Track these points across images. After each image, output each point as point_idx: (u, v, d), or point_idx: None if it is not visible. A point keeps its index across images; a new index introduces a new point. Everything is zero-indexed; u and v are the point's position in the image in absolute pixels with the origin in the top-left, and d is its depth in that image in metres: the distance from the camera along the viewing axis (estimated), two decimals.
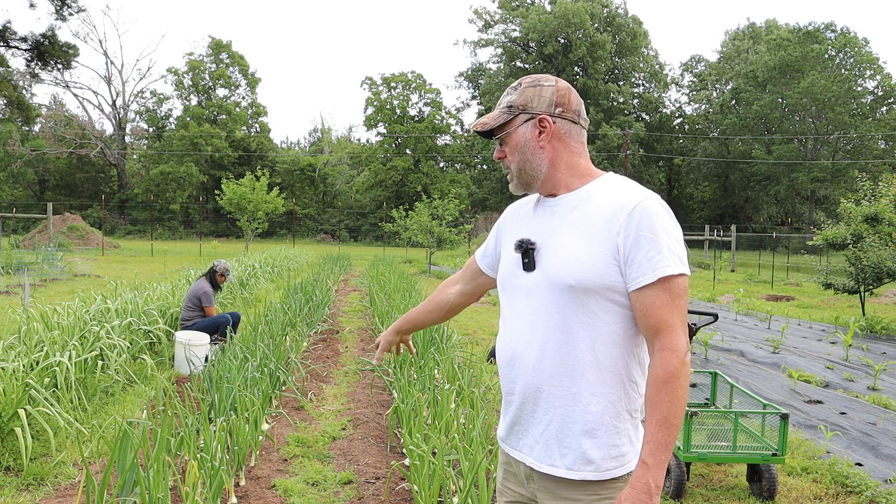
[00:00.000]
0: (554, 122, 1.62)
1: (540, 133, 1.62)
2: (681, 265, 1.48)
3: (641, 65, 50.26)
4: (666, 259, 1.46)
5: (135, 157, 53.11)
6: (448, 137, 53.36)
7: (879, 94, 42.13)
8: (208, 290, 7.26)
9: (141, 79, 73.19)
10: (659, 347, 1.47)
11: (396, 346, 2.16)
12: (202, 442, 3.78)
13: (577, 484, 1.55)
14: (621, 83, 49.31)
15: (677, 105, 55.56)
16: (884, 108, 42.20)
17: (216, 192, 27.45)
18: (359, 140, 60.76)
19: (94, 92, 58.49)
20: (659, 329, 1.47)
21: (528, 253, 1.61)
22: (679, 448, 3.78)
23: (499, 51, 52.16)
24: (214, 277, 7.50)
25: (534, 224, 1.66)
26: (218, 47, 52.20)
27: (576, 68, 48.74)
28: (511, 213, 1.82)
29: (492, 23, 51.50)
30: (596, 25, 47.66)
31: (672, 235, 1.50)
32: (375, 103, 52.18)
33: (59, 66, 33.74)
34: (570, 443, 1.54)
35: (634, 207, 1.50)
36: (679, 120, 53.02)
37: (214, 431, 3.93)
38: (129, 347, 5.97)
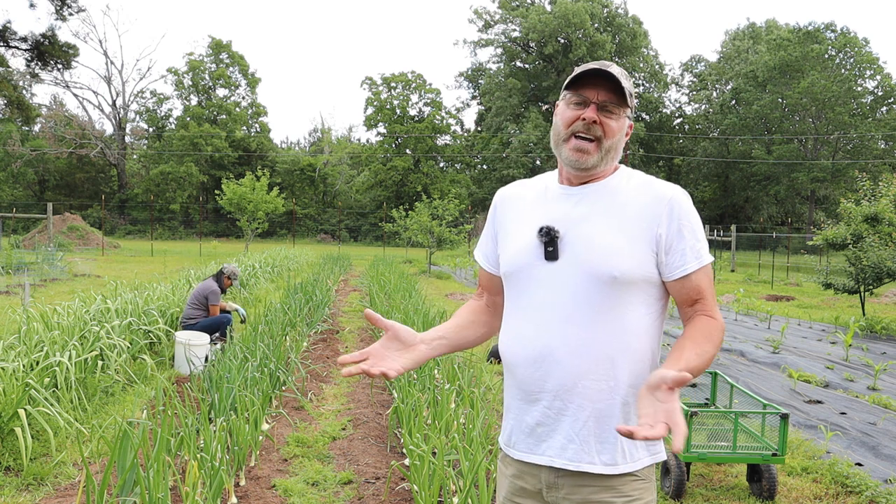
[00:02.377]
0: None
1: (626, 135, 1.63)
2: (708, 252, 1.59)
3: (641, 65, 50.26)
4: (704, 248, 1.56)
5: (135, 157, 53.12)
6: (448, 137, 53.38)
7: (879, 94, 42.14)
8: (217, 290, 7.35)
9: (141, 79, 73.22)
10: (699, 312, 1.54)
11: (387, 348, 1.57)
12: (202, 442, 3.78)
13: (613, 479, 1.52)
14: None
15: (677, 105, 55.57)
16: (884, 108, 42.21)
17: (216, 192, 27.45)
18: (359, 140, 60.80)
19: (94, 92, 58.56)
20: (699, 304, 1.55)
21: (553, 241, 1.54)
22: None
23: (499, 51, 52.18)
24: (222, 280, 7.59)
25: (553, 211, 1.59)
26: (218, 47, 52.20)
27: (576, 68, 48.67)
28: (510, 199, 1.73)
29: (492, 23, 51.52)
30: (596, 25, 47.67)
31: (700, 224, 1.59)
32: (375, 103, 52.19)
33: (59, 66, 33.78)
34: (608, 437, 1.51)
35: (671, 199, 1.55)
36: (679, 120, 53.04)
37: (214, 431, 3.93)
38: (129, 347, 5.97)
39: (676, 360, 1.41)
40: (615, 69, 1.55)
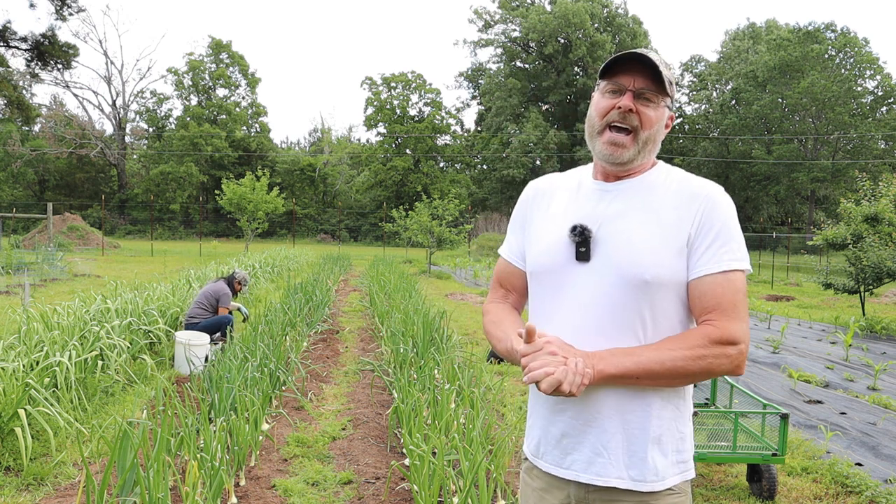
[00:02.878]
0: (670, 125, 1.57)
1: (666, 127, 1.54)
2: (746, 261, 1.44)
3: None
4: (731, 254, 1.42)
5: (135, 157, 53.13)
6: (448, 137, 53.38)
7: (879, 94, 42.16)
8: (229, 293, 7.50)
9: (141, 79, 73.17)
10: (705, 322, 1.41)
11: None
12: (202, 442, 3.78)
13: (642, 496, 1.45)
14: None
15: (677, 105, 55.51)
16: (884, 108, 42.23)
17: (216, 192, 27.46)
18: (359, 140, 60.79)
19: (94, 92, 58.53)
20: (710, 315, 1.41)
21: (586, 241, 1.45)
22: None
23: (499, 51, 52.20)
24: (233, 284, 7.72)
25: (586, 208, 1.51)
26: (218, 47, 52.21)
27: (576, 68, 48.74)
28: (542, 193, 1.64)
29: (492, 23, 51.54)
30: (596, 25, 47.69)
31: (739, 229, 1.47)
32: (375, 103, 52.19)
33: (59, 66, 33.77)
34: (637, 451, 1.44)
35: (705, 196, 1.45)
36: (679, 120, 53.04)
37: (214, 431, 3.93)
38: (129, 347, 5.97)
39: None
40: (653, 55, 1.45)
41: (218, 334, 7.16)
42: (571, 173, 1.64)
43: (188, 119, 49.71)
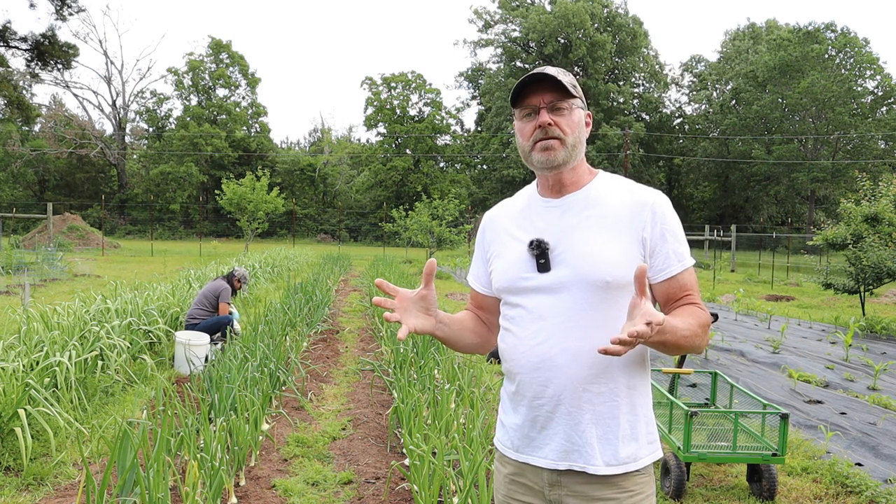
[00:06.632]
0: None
1: (586, 125, 1.67)
2: (691, 256, 1.64)
3: (641, 65, 50.26)
4: (686, 250, 1.62)
5: (135, 157, 53.13)
6: (448, 137, 53.37)
7: (879, 94, 42.15)
8: (228, 289, 7.48)
9: (141, 79, 73.44)
10: (687, 302, 1.59)
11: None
12: (202, 442, 3.78)
13: (615, 478, 1.55)
14: (621, 83, 49.32)
15: (677, 105, 55.59)
16: (884, 108, 42.22)
17: (216, 192, 27.45)
18: (359, 140, 60.80)
19: (94, 92, 58.70)
20: (686, 297, 1.60)
21: (544, 254, 1.59)
22: (679, 448, 3.78)
23: (499, 51, 52.20)
24: (232, 281, 7.70)
25: (540, 224, 1.64)
26: (218, 47, 52.21)
27: (576, 68, 48.72)
28: (496, 220, 1.77)
29: (492, 23, 51.54)
30: (596, 25, 47.67)
31: (680, 227, 1.64)
32: (375, 103, 52.18)
33: (59, 66, 33.69)
34: (611, 439, 1.54)
35: (653, 204, 1.59)
36: (679, 120, 53.03)
37: (214, 431, 3.93)
38: (129, 347, 5.97)
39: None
40: (549, 69, 1.59)
41: (218, 334, 7.15)
42: (519, 195, 1.78)
43: (188, 119, 49.71)
